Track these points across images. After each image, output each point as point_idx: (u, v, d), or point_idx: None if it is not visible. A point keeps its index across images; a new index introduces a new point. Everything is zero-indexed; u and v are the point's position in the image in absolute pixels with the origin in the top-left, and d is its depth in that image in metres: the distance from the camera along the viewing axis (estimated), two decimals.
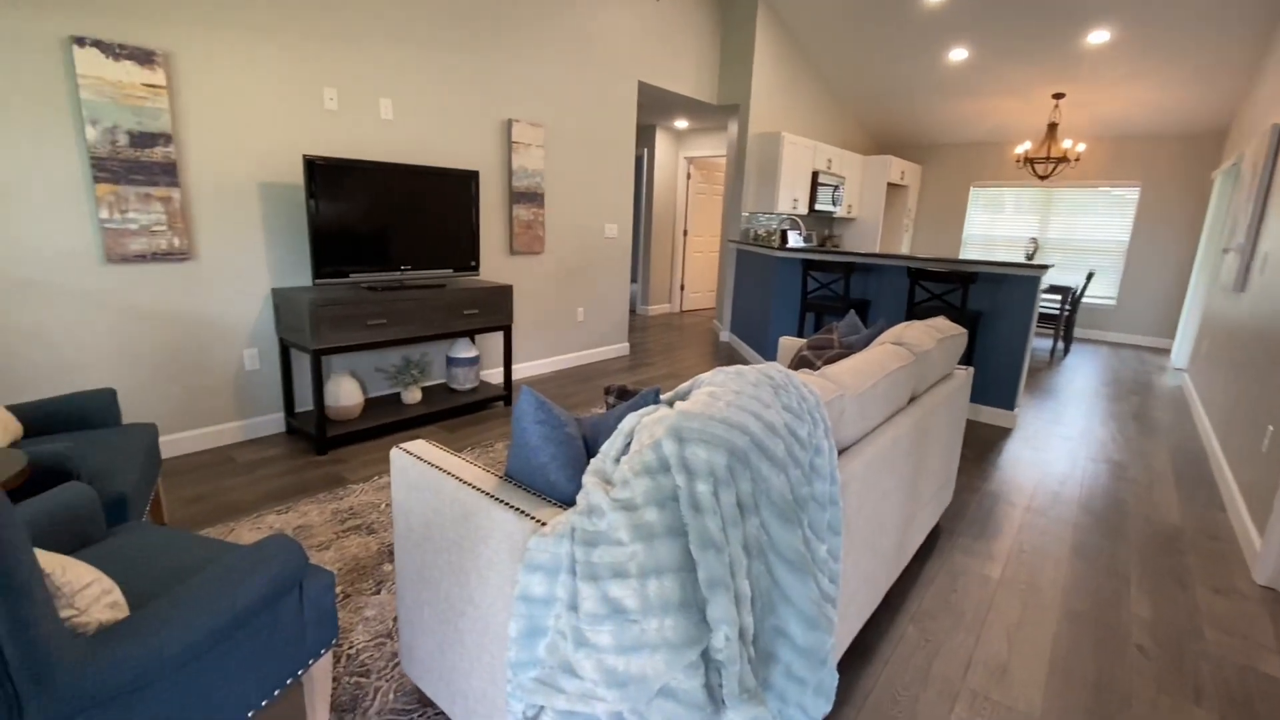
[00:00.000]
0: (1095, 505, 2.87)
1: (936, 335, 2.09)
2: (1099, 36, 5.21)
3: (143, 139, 2.64)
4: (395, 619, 1.83)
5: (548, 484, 1.17)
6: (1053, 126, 6.42)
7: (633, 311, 7.87)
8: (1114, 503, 2.91)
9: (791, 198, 6.13)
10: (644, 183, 7.46)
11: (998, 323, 3.81)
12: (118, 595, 1.09)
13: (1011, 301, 3.75)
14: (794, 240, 6.30)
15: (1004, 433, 3.79)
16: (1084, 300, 7.35)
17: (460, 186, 3.54)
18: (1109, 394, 4.87)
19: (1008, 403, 3.85)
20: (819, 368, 2.08)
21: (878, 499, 1.63)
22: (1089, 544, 2.51)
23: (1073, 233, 7.53)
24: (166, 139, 2.71)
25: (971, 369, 2.45)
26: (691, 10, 5.47)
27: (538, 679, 0.95)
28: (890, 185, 7.72)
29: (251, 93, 2.94)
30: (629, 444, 1.10)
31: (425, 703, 1.53)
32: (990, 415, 3.91)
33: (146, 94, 2.63)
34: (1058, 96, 6.36)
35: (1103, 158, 7.18)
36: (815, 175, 6.38)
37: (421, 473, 1.32)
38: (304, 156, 2.88)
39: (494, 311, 3.69)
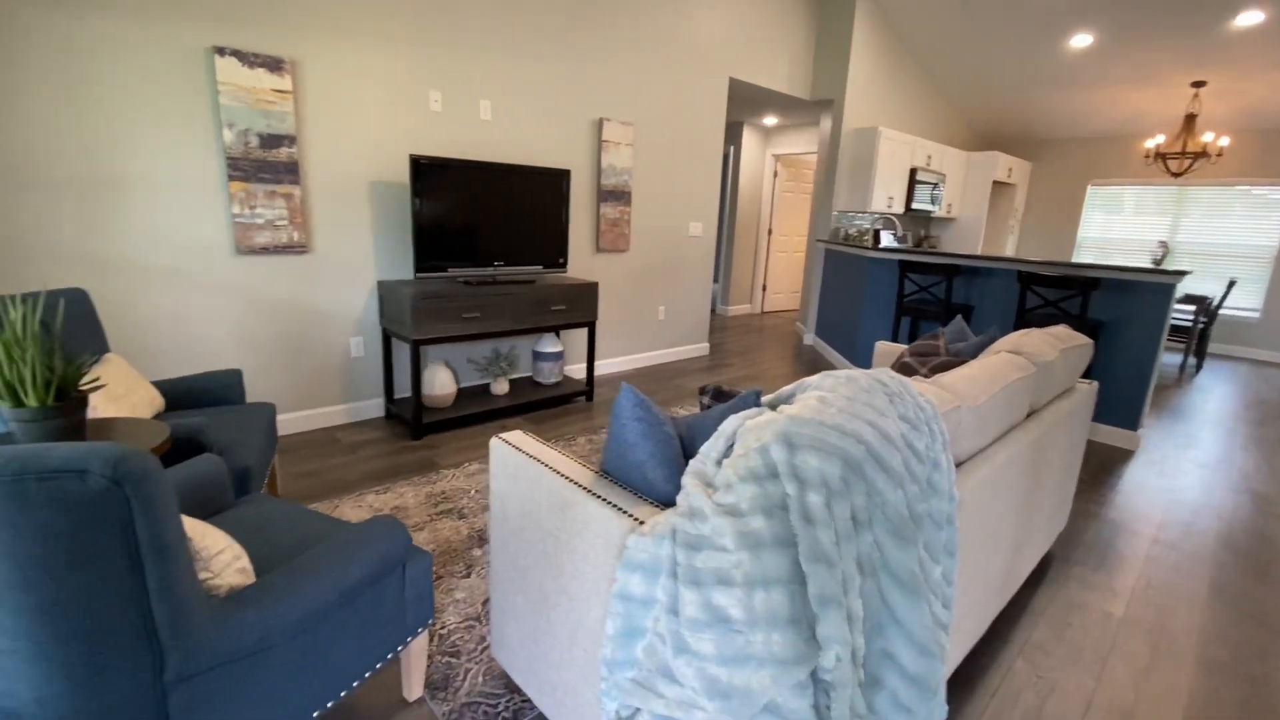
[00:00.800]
0: (1238, 542, 2.55)
1: (1059, 345, 1.92)
2: (1251, 18, 4.63)
3: (270, 140, 2.86)
4: (484, 603, 1.89)
5: (644, 482, 1.16)
6: (1190, 118, 5.78)
7: (712, 311, 7.79)
8: (1262, 541, 2.58)
9: (887, 196, 5.86)
10: (729, 181, 7.35)
11: (1122, 334, 3.46)
12: (246, 562, 1.17)
13: (1140, 311, 3.40)
14: (887, 241, 6.01)
15: (1125, 454, 3.44)
16: (1221, 312, 6.58)
17: (552, 185, 3.61)
18: (1252, 417, 4.32)
19: (1130, 422, 3.50)
20: (925, 376, 1.96)
21: (990, 521, 1.50)
22: (1231, 585, 2.23)
23: (1208, 236, 6.75)
24: (290, 140, 2.92)
25: (1096, 383, 2.23)
26: (786, 3, 5.32)
27: (635, 680, 0.93)
28: (996, 183, 7.22)
29: (365, 96, 3.12)
30: (731, 447, 1.07)
31: (513, 689, 1.55)
32: (1110, 435, 3.57)
33: (275, 99, 2.84)
34: (1197, 85, 5.72)
35: (1247, 153, 6.40)
36: (913, 172, 6.06)
37: (520, 463, 1.34)
38: (410, 156, 3.02)
39: (580, 308, 3.74)
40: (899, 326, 4.09)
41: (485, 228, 3.38)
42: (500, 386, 3.66)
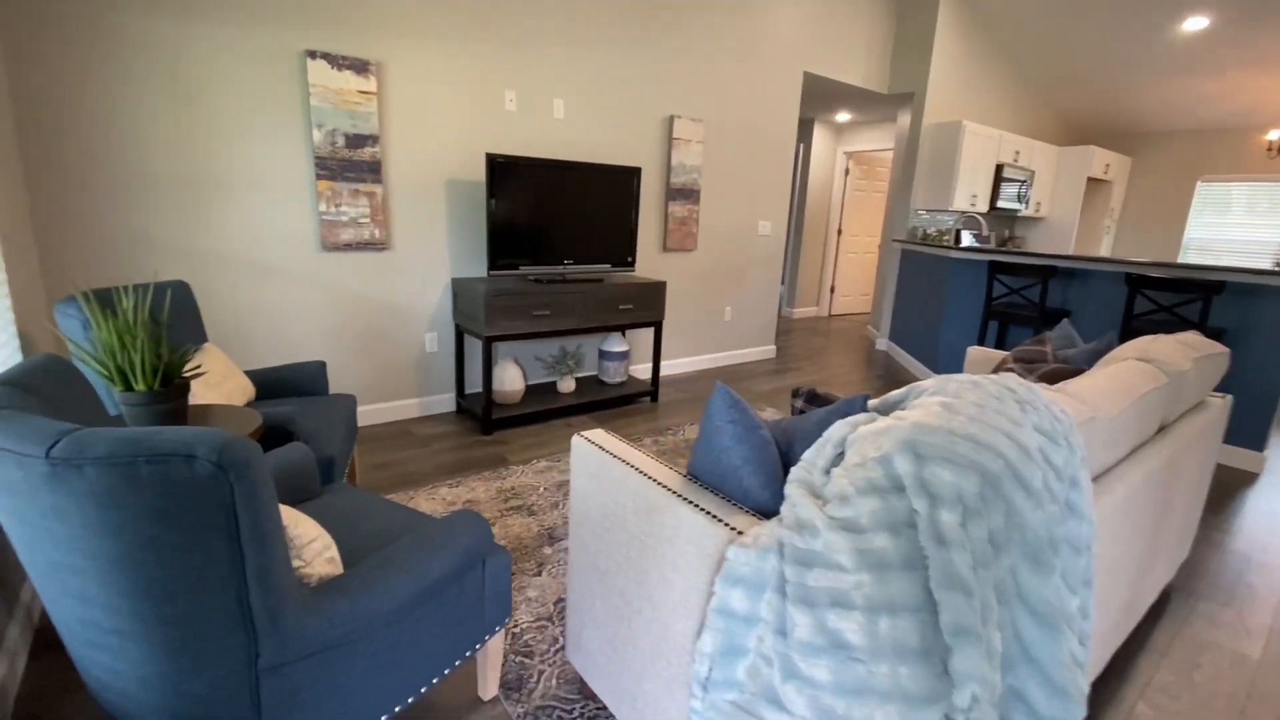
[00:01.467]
0: None
1: (1192, 353, 1.72)
2: None
3: (355, 140, 2.95)
4: (556, 603, 1.86)
5: (740, 489, 1.09)
6: None
7: (777, 314, 7.59)
8: None
9: (970, 194, 5.54)
10: (797, 179, 7.16)
11: (1246, 344, 3.12)
12: (334, 551, 1.17)
13: (1269, 319, 3.05)
14: (968, 241, 5.69)
15: (1249, 478, 3.10)
16: None
17: (623, 183, 3.58)
18: None
19: (1256, 442, 3.15)
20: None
21: (1118, 546, 1.35)
22: None
23: None
24: (374, 140, 3.00)
25: (1230, 397, 2.00)
26: None
27: (735, 704, 0.86)
28: (1090, 180, 6.72)
29: (443, 97, 3.18)
30: (840, 454, 0.98)
31: (588, 695, 1.51)
32: (1232, 455, 3.22)
33: (360, 99, 2.93)
34: None
35: None
36: (999, 169, 5.72)
37: (603, 462, 1.30)
38: (486, 154, 3.05)
39: (647, 307, 3.69)
40: (986, 331, 3.84)
41: (556, 226, 3.38)
42: (567, 385, 3.66)
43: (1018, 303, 3.81)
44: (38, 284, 2.27)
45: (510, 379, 3.37)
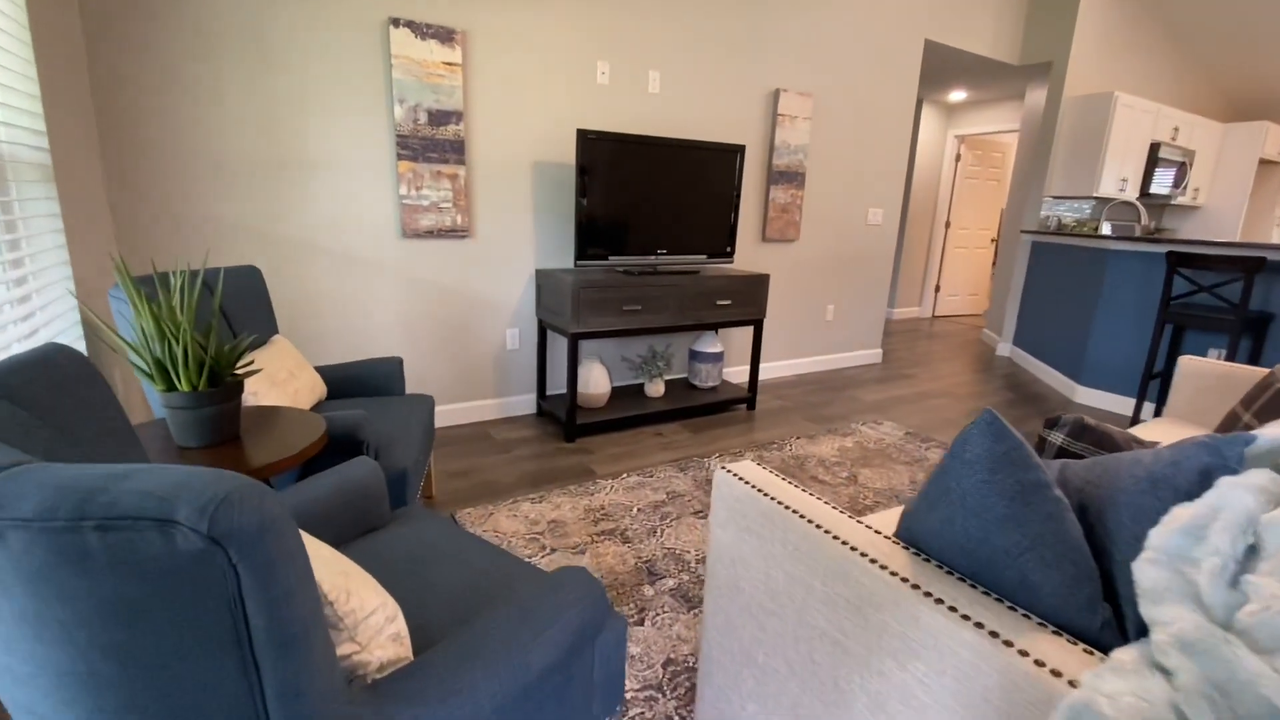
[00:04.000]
0: None
1: None
2: None
3: (438, 117, 2.70)
4: (666, 665, 1.49)
5: (1021, 583, 0.68)
6: None
7: None
8: None
9: (1119, 178, 4.78)
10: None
11: None
12: (401, 625, 0.84)
13: None
14: (1107, 231, 4.91)
15: None
16: None
17: (724, 163, 3.19)
18: None
19: None
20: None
21: None
22: None
23: None
24: (458, 117, 2.75)
25: None
26: None
27: None
28: (1260, 163, 5.73)
29: (531, 69, 2.89)
30: (1252, 546, 0.56)
31: None
32: None
33: (444, 72, 2.68)
34: None
35: None
36: (1154, 148, 4.91)
37: (767, 513, 0.92)
38: (578, 130, 2.74)
39: (747, 303, 3.28)
40: (1160, 338, 3.18)
41: (649, 212, 3.03)
42: (655, 388, 3.31)
43: (1207, 303, 3.13)
44: (109, 268, 2.13)
45: (596, 381, 3.05)
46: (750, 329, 3.93)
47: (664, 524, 2.16)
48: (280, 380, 1.76)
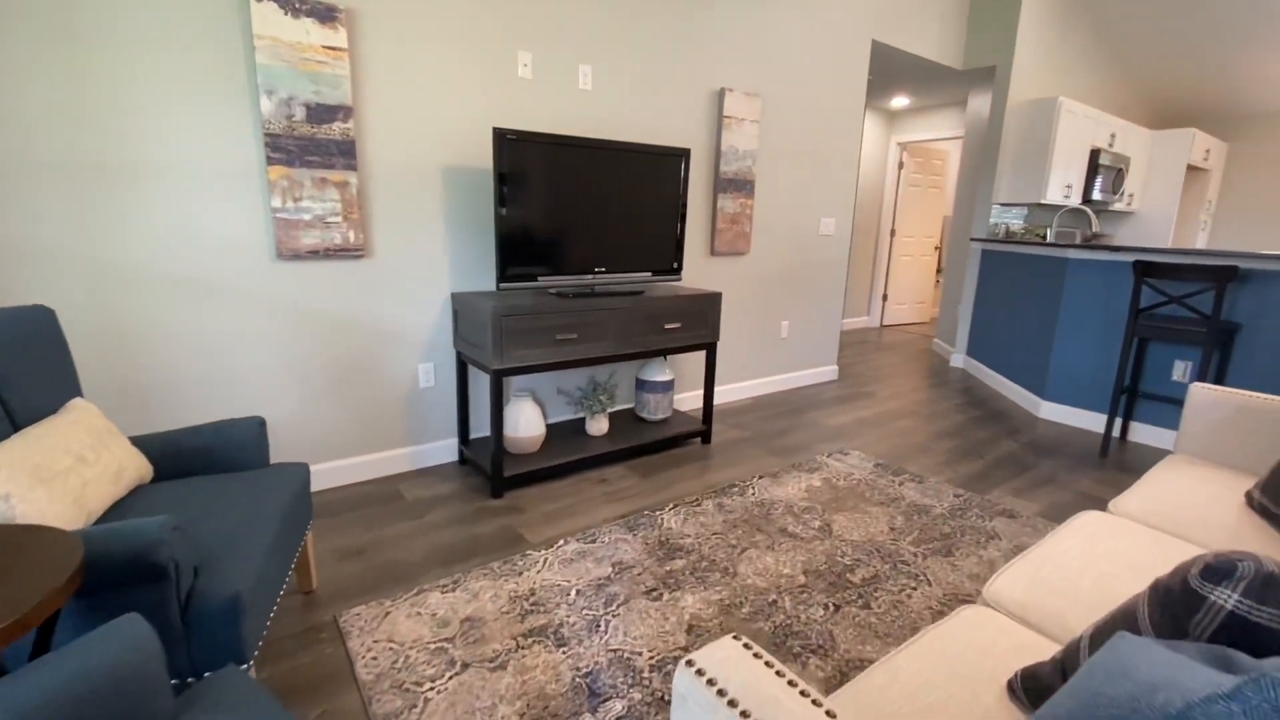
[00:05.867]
0: None
1: None
2: None
3: (320, 112, 2.21)
4: None
5: None
6: None
7: None
8: None
9: (1064, 184, 4.70)
10: None
11: None
12: None
13: None
14: (1051, 239, 4.84)
15: None
16: None
17: (667, 169, 2.82)
18: None
19: None
20: None
21: None
22: None
23: None
24: (346, 113, 2.26)
25: None
26: None
27: None
28: (1188, 168, 5.85)
29: (438, 58, 2.44)
30: None
31: None
32: None
33: (326, 58, 2.20)
34: None
35: None
36: (1095, 155, 4.88)
37: None
38: (495, 128, 2.30)
39: (698, 325, 2.92)
40: (1129, 352, 3.00)
41: (585, 225, 2.62)
42: (598, 424, 2.88)
43: (1175, 314, 2.97)
44: None
45: (527, 422, 2.60)
46: (702, 353, 3.57)
47: (609, 612, 1.73)
48: (59, 471, 1.24)
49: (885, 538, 2.21)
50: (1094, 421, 3.47)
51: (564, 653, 1.57)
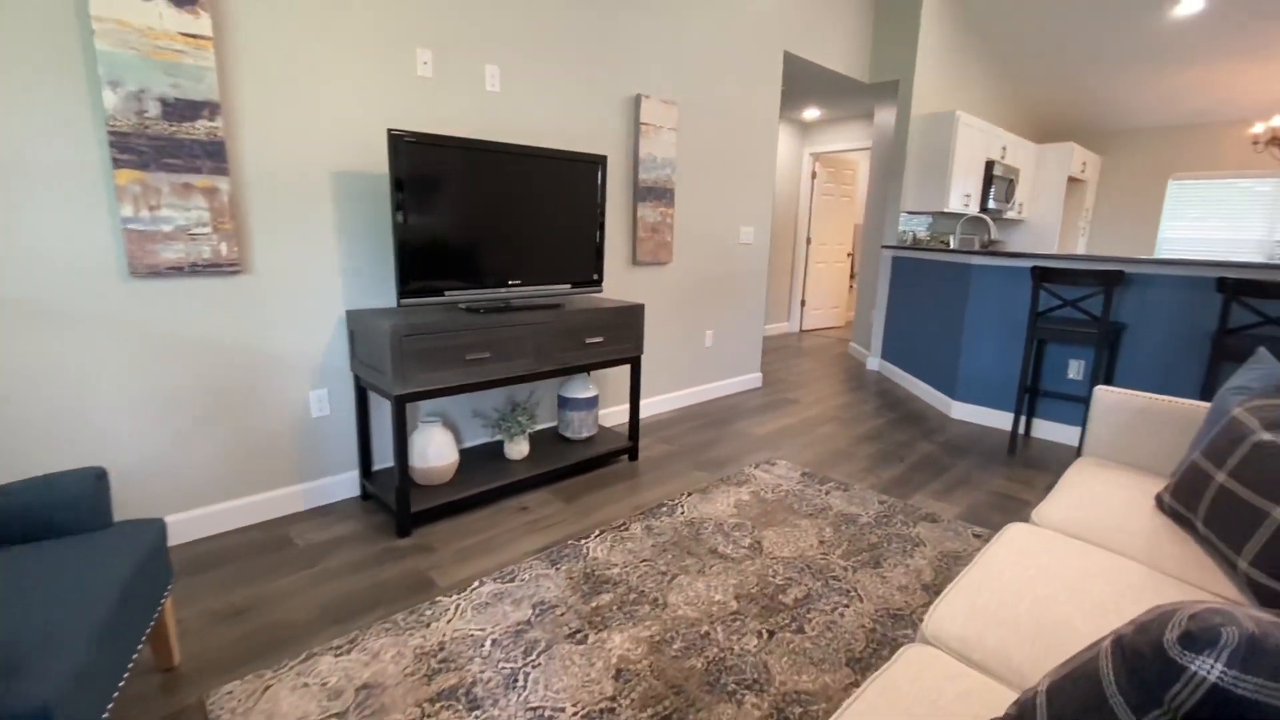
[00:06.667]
0: None
1: None
2: None
3: (180, 108, 1.93)
4: None
5: None
6: None
7: None
8: None
9: (963, 193, 4.96)
10: None
11: None
12: None
13: None
14: (954, 246, 5.10)
15: None
16: None
17: (584, 176, 2.69)
18: None
19: None
20: None
21: None
22: None
23: None
24: (212, 109, 1.99)
25: None
26: None
27: None
28: (1069, 180, 6.34)
29: (325, 50, 2.20)
30: None
31: None
32: None
33: (185, 47, 1.92)
34: None
35: None
36: (990, 166, 5.17)
37: None
38: (389, 131, 2.09)
39: (621, 339, 2.80)
40: (1031, 353, 3.15)
41: (496, 235, 2.45)
42: (518, 448, 2.70)
43: (1069, 316, 3.14)
44: None
45: (437, 449, 2.38)
46: (627, 367, 3.46)
47: (528, 663, 1.57)
48: None
49: (815, 552, 2.16)
50: (1001, 420, 3.63)
51: (476, 718, 1.39)
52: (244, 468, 2.23)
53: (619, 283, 3.40)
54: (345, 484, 2.49)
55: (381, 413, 2.54)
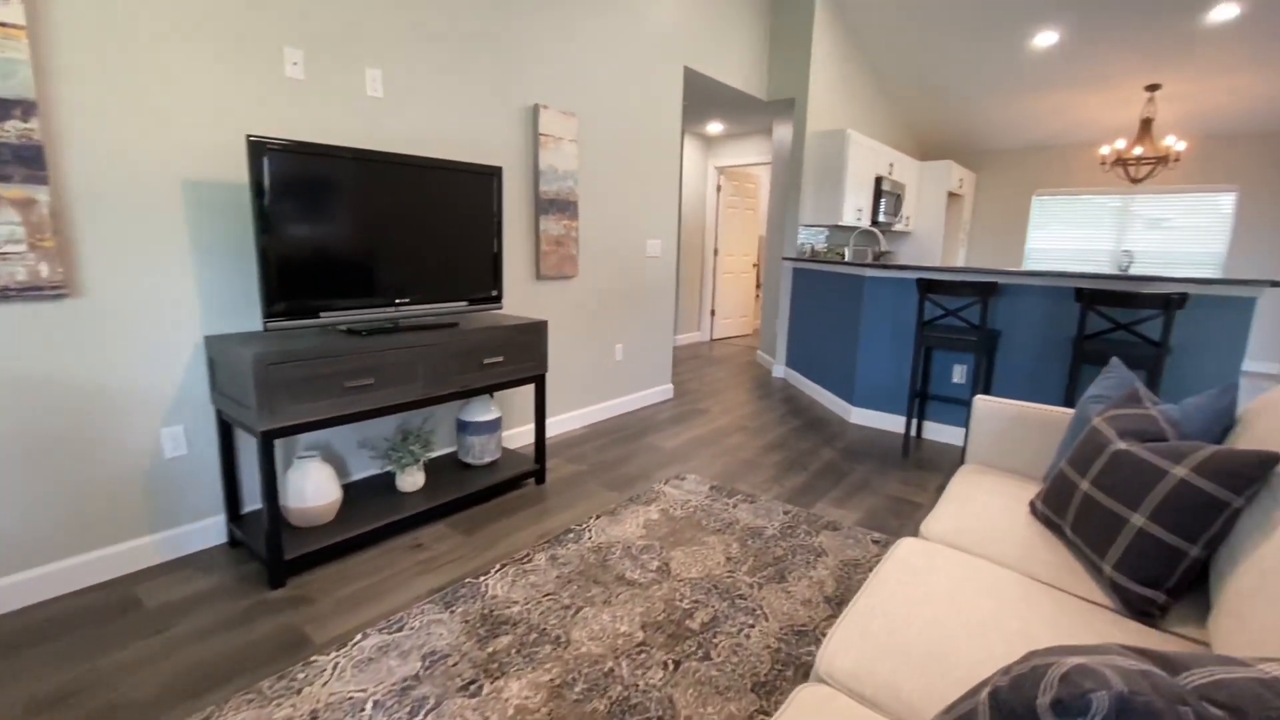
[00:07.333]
0: None
1: None
2: (1226, 11, 4.37)
3: None
4: None
5: None
6: (1146, 122, 5.58)
7: None
8: None
9: (855, 207, 5.21)
10: None
11: (1200, 360, 2.85)
12: None
13: (1217, 329, 2.80)
14: (848, 257, 5.36)
15: None
16: None
17: (479, 188, 2.57)
18: None
19: None
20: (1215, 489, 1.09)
21: None
22: None
23: (1155, 245, 6.67)
24: (26, 109, 1.71)
25: None
26: None
27: None
28: (949, 195, 6.84)
29: (175, 46, 1.96)
30: None
31: None
32: None
33: None
34: (1152, 88, 5.53)
35: (1190, 159, 6.35)
36: (878, 181, 5.48)
37: None
38: (248, 137, 1.88)
39: (524, 357, 2.69)
40: (919, 361, 3.32)
41: (381, 251, 2.27)
42: (411, 479, 2.52)
43: (952, 325, 3.34)
44: None
45: (316, 488, 2.17)
46: (532, 387, 3.34)
47: None
48: None
49: (722, 570, 2.14)
50: (896, 423, 3.82)
51: None
52: (80, 521, 1.93)
53: (523, 298, 3.28)
54: (209, 531, 2.21)
55: (251, 449, 2.28)
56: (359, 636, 1.74)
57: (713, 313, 7.12)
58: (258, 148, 1.90)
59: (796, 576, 2.11)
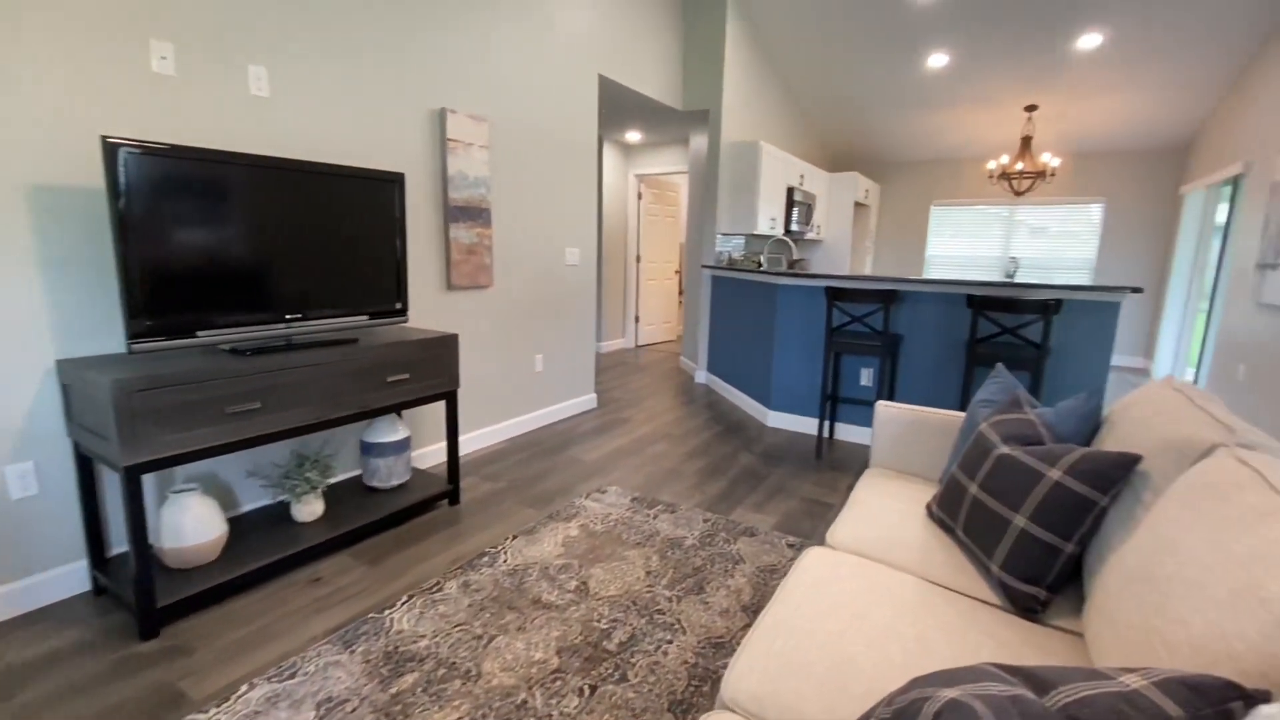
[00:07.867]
0: None
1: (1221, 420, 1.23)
2: (1091, 40, 4.83)
3: None
4: None
5: None
6: (1026, 140, 6.08)
7: None
8: None
9: (769, 217, 5.36)
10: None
11: (1075, 359, 3.11)
12: None
13: (1088, 331, 3.06)
14: (764, 265, 5.52)
15: None
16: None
17: (379, 196, 2.43)
18: None
19: None
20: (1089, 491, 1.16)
21: None
22: None
23: (1037, 251, 7.27)
24: None
25: None
26: (651, 4, 4.62)
27: None
28: (855, 205, 7.18)
29: (14, 35, 1.73)
30: None
31: None
32: None
33: None
34: (1030, 109, 6.03)
35: (1065, 174, 6.98)
36: (790, 191, 5.67)
37: None
38: (103, 139, 1.69)
39: (431, 373, 2.57)
40: (829, 365, 3.44)
41: (268, 263, 2.10)
42: (309, 508, 2.34)
43: (858, 330, 3.49)
44: None
45: (196, 524, 1.97)
46: (443, 403, 3.20)
47: None
48: None
49: (641, 585, 2.11)
50: (810, 426, 3.94)
51: None
52: None
53: (433, 311, 3.14)
54: (67, 579, 1.96)
55: (116, 485, 2.05)
56: (244, 688, 1.58)
57: (637, 319, 7.14)
58: (112, 149, 1.70)
59: (715, 586, 2.12)
